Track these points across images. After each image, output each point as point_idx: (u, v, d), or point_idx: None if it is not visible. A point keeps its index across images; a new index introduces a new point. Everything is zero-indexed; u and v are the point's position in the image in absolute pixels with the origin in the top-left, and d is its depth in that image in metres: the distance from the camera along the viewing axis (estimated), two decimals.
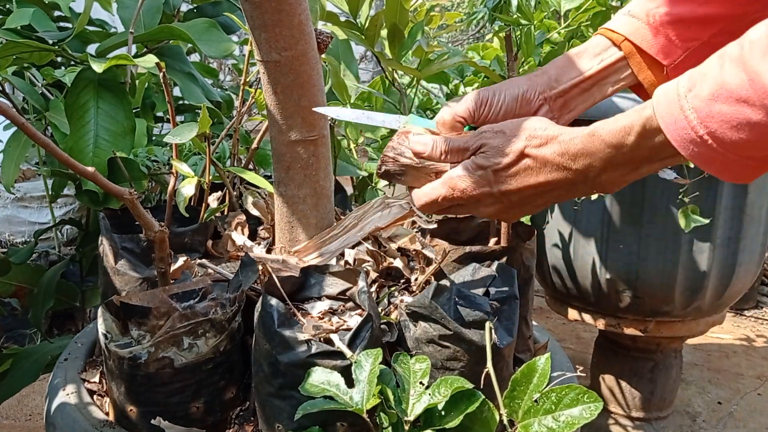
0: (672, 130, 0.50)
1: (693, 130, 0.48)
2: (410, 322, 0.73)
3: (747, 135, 0.46)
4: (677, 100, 0.49)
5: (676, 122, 0.49)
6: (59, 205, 1.95)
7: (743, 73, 0.45)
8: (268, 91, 0.83)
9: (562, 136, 0.59)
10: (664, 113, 0.50)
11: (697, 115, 0.48)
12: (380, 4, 1.69)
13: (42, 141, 0.65)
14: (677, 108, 0.49)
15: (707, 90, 0.47)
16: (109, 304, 0.72)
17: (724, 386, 1.90)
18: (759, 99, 0.44)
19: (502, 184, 0.62)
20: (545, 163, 0.59)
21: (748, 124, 0.46)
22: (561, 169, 0.58)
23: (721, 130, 0.47)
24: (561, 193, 0.61)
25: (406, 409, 0.64)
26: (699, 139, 0.48)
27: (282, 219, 0.89)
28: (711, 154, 0.49)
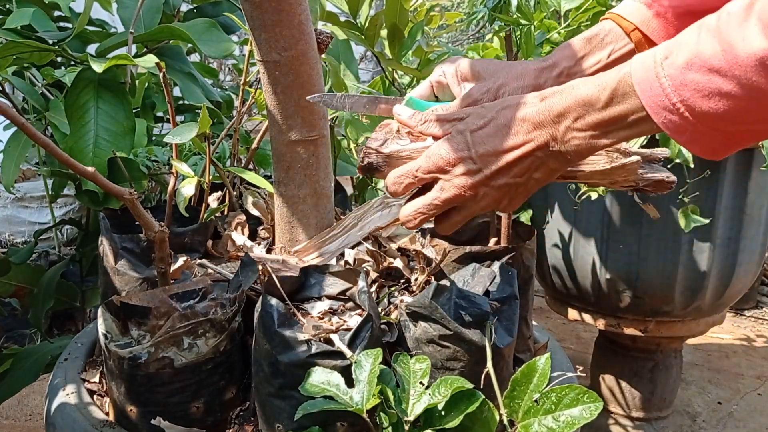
0: (647, 96, 0.50)
1: (667, 97, 0.48)
2: (410, 322, 0.73)
3: (718, 105, 0.46)
4: (653, 67, 0.49)
5: (651, 88, 0.50)
6: (59, 205, 1.95)
7: (717, 44, 0.46)
8: (268, 91, 0.83)
9: (543, 93, 0.58)
10: (640, 78, 0.50)
11: (672, 82, 0.48)
12: (380, 4, 1.69)
13: (42, 141, 0.65)
14: (653, 74, 0.49)
15: (682, 58, 0.48)
16: (109, 304, 0.72)
17: (724, 386, 1.90)
18: (730, 69, 0.45)
19: (480, 146, 0.60)
20: (523, 120, 0.58)
21: (719, 94, 0.46)
22: (538, 126, 0.57)
23: (693, 99, 0.47)
24: (539, 158, 0.59)
25: (406, 409, 0.64)
26: (672, 106, 0.48)
27: (282, 219, 0.89)
28: (683, 123, 0.49)
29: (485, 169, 0.60)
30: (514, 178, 0.60)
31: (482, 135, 0.60)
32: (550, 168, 0.60)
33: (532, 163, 0.59)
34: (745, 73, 0.44)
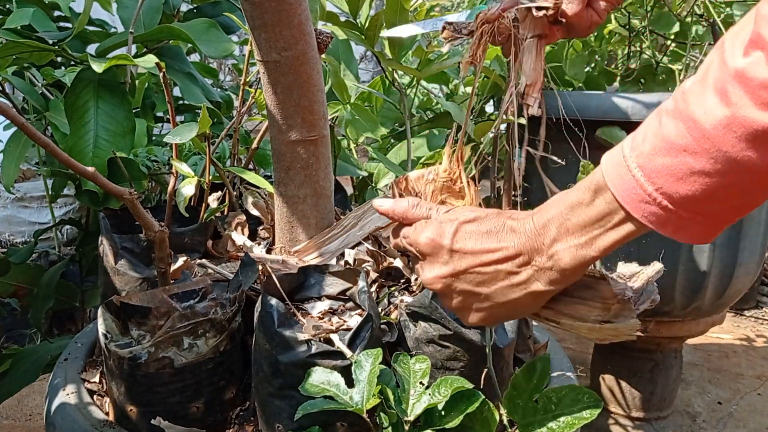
0: (622, 192, 0.47)
1: (641, 188, 0.46)
2: (410, 322, 0.73)
3: (695, 186, 0.44)
4: (623, 161, 0.47)
5: (624, 182, 0.47)
6: (59, 205, 1.95)
7: (680, 122, 0.44)
8: (268, 91, 0.83)
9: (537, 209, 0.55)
10: (612, 175, 0.48)
11: (643, 172, 0.46)
12: (380, 4, 1.69)
13: (42, 141, 0.65)
14: (624, 168, 0.47)
15: (649, 145, 0.46)
16: (109, 304, 0.72)
17: (724, 386, 1.90)
18: (699, 145, 0.43)
19: (460, 242, 0.56)
20: (509, 228, 0.55)
21: (694, 173, 0.43)
22: (520, 233, 0.54)
23: (668, 185, 0.45)
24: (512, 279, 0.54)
25: (406, 409, 0.64)
26: (648, 197, 0.46)
27: (282, 219, 0.89)
28: (664, 214, 0.46)
29: (455, 264, 0.57)
30: (478, 287, 0.56)
31: (466, 230, 0.57)
32: (528, 289, 0.54)
33: (504, 276, 0.55)
34: (715, 144, 0.42)
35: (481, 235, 0.56)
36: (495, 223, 0.56)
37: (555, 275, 0.53)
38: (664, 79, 1.43)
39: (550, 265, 0.52)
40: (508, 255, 0.54)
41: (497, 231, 0.55)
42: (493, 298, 0.56)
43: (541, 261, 0.53)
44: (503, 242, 0.54)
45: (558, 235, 0.52)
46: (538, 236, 0.53)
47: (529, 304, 0.56)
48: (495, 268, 0.55)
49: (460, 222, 0.57)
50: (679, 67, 1.28)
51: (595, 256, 0.51)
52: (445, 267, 0.57)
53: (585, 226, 0.50)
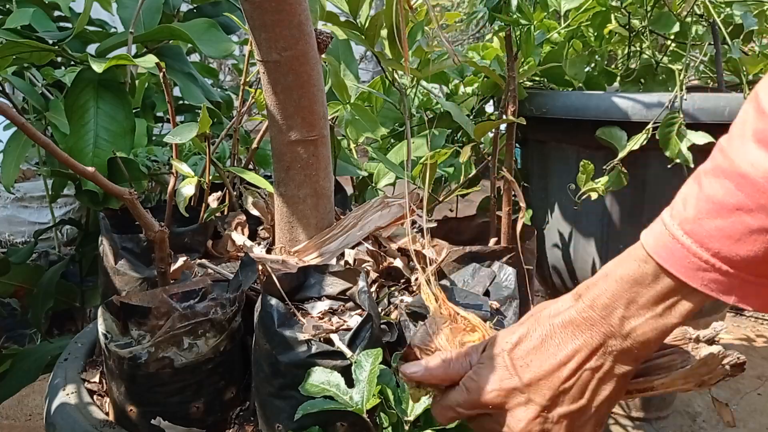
0: (672, 262, 0.43)
1: (695, 256, 0.42)
2: (410, 322, 0.73)
3: (756, 246, 0.40)
4: (666, 231, 0.44)
5: (673, 253, 0.43)
6: (59, 205, 1.95)
7: (726, 180, 0.41)
8: (268, 91, 0.83)
9: (577, 291, 0.50)
10: (655, 248, 0.44)
11: (693, 238, 0.42)
12: (380, 4, 1.69)
13: (42, 141, 0.65)
14: (668, 238, 0.44)
15: (693, 210, 0.42)
16: (109, 304, 0.72)
17: (724, 386, 1.90)
18: (753, 200, 0.39)
19: (525, 371, 0.49)
20: (565, 327, 0.49)
21: (752, 232, 0.39)
22: (582, 324, 0.48)
23: (726, 248, 0.41)
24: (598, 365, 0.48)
25: (406, 409, 0.64)
26: (705, 264, 0.42)
27: (282, 219, 0.89)
28: (725, 280, 0.42)
29: (538, 398, 0.49)
30: (575, 403, 0.49)
31: (521, 352, 0.50)
32: (615, 375, 0.48)
33: (591, 376, 0.48)
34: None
35: (540, 351, 0.49)
36: (542, 330, 0.50)
37: (636, 351, 0.48)
38: (664, 79, 1.43)
39: (629, 344, 0.47)
40: (584, 355, 0.48)
41: (552, 337, 0.49)
42: (593, 403, 0.49)
43: (617, 343, 0.47)
44: (569, 345, 0.48)
45: (628, 313, 0.46)
46: (602, 320, 0.47)
47: (623, 388, 0.50)
48: (579, 375, 0.48)
49: (509, 352, 0.50)
50: (679, 67, 1.27)
51: (676, 323, 0.46)
52: (531, 407, 0.49)
53: (656, 302, 0.46)
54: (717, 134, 0.48)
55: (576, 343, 0.48)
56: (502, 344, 0.51)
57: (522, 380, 0.49)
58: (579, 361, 0.48)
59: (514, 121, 1.03)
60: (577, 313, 0.48)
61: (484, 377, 0.51)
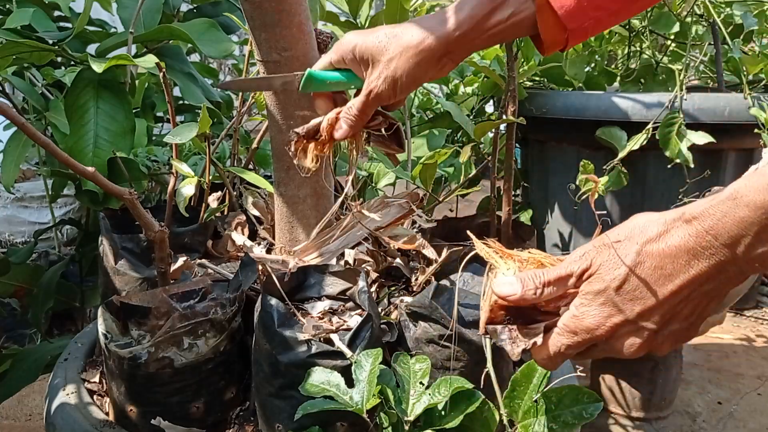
0: None
1: None
2: (410, 322, 0.73)
3: None
4: None
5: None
6: (59, 205, 1.95)
7: None
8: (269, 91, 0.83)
9: (688, 213, 0.47)
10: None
11: None
12: (380, 4, 1.69)
13: (42, 141, 0.65)
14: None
15: None
16: (109, 304, 0.72)
17: (724, 386, 1.90)
18: None
19: (635, 304, 0.49)
20: (676, 255, 0.47)
21: None
22: (698, 253, 0.46)
23: None
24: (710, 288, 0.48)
25: (406, 409, 0.64)
26: None
27: (282, 219, 0.89)
28: None
29: (649, 325, 0.49)
30: (685, 321, 0.50)
31: (629, 290, 0.49)
32: (725, 292, 0.49)
33: (703, 298, 0.49)
34: None
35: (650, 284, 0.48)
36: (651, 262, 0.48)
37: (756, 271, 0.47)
38: (664, 79, 1.43)
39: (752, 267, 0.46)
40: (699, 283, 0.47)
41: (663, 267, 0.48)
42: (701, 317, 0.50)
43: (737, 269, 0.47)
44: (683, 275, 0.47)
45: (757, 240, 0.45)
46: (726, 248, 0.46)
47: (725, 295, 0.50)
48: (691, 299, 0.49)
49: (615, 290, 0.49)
50: (679, 67, 1.27)
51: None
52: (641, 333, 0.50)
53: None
54: (717, 134, 0.48)
55: (691, 272, 0.47)
56: (608, 281, 0.49)
57: (633, 314, 0.49)
58: (693, 288, 0.47)
59: (514, 121, 1.03)
60: (694, 240, 0.46)
61: (590, 316, 0.50)
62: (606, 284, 0.49)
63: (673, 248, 0.47)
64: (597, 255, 0.50)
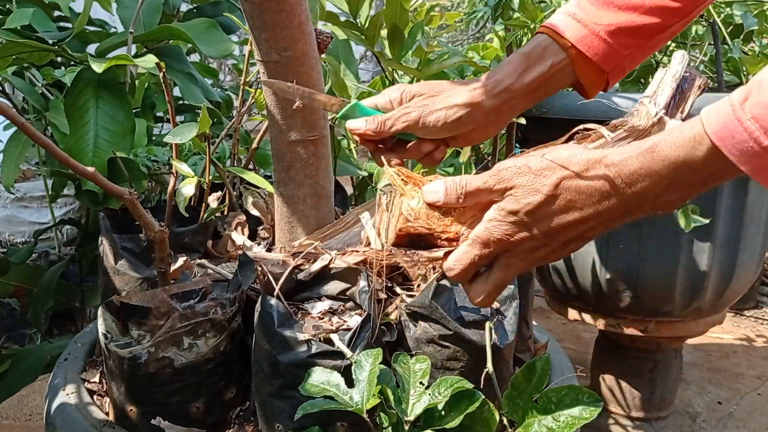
0: (729, 145, 0.45)
1: (755, 142, 0.43)
2: (410, 322, 0.73)
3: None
4: (731, 112, 0.45)
5: (733, 136, 0.44)
6: (59, 205, 1.95)
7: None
8: (268, 91, 0.83)
9: (609, 158, 0.52)
10: (716, 127, 0.45)
11: (759, 123, 0.43)
12: (380, 4, 1.69)
13: (42, 141, 0.65)
14: (732, 120, 0.44)
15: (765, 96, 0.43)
16: (109, 304, 0.72)
17: (724, 386, 1.90)
18: None
19: (542, 224, 0.54)
20: (590, 194, 0.52)
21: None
22: (611, 195, 0.52)
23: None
24: (612, 221, 0.54)
25: (406, 409, 0.64)
26: (763, 150, 0.43)
27: (282, 219, 0.89)
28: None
29: (553, 242, 0.56)
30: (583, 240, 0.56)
31: (540, 215, 0.54)
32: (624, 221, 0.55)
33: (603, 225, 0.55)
34: None
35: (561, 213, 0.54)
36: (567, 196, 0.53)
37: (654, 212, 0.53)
38: None
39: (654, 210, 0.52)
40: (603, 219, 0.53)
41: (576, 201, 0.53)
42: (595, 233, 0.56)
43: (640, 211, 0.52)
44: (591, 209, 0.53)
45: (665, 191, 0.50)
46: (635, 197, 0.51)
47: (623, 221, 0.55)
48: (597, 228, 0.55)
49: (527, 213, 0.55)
50: None
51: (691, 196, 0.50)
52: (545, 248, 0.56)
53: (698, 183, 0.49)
54: None
55: (599, 208, 0.52)
56: (522, 204, 0.54)
57: (538, 233, 0.55)
58: (598, 221, 0.53)
59: (514, 121, 1.03)
60: (610, 185, 0.51)
61: (501, 231, 0.56)
62: (520, 206, 0.54)
63: (589, 187, 0.52)
64: (517, 176, 0.55)
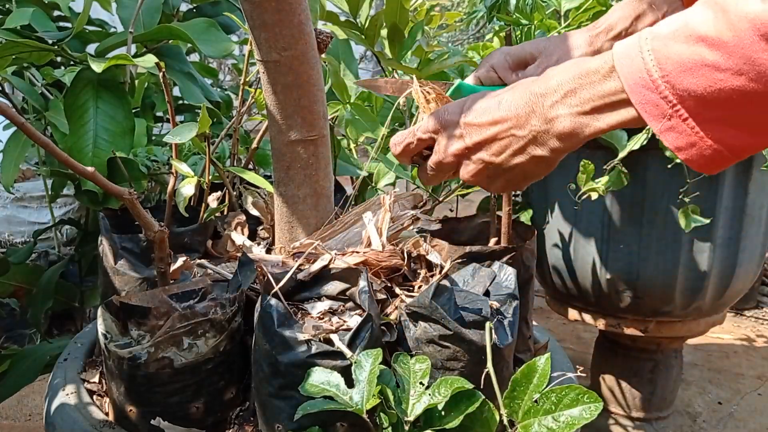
0: (626, 72, 0.45)
1: (647, 73, 0.43)
2: (410, 322, 0.73)
3: (701, 81, 0.40)
4: (637, 42, 0.44)
5: (631, 63, 0.44)
6: (59, 205, 1.94)
7: (708, 10, 0.40)
8: (268, 90, 0.83)
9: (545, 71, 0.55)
10: (620, 54, 0.45)
11: (654, 56, 0.43)
12: (380, 3, 1.69)
13: (41, 141, 0.65)
14: (635, 49, 0.44)
15: (668, 29, 0.42)
16: (109, 304, 0.72)
17: (724, 386, 1.90)
18: (718, 36, 0.39)
19: (468, 114, 0.58)
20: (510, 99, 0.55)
21: (705, 66, 0.40)
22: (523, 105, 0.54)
23: (675, 74, 0.41)
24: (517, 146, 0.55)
25: (406, 410, 0.63)
26: (652, 83, 0.43)
27: (282, 219, 0.89)
28: (661, 105, 0.43)
29: (467, 139, 0.59)
30: (492, 156, 0.58)
31: (476, 107, 0.58)
32: (529, 153, 0.55)
33: (510, 143, 0.56)
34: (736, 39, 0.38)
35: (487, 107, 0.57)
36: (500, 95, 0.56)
37: (554, 142, 0.53)
38: None
39: (546, 128, 0.52)
40: (511, 124, 0.55)
41: (500, 100, 0.56)
42: (505, 165, 0.57)
43: (537, 124, 0.53)
44: (504, 112, 0.55)
45: (561, 100, 0.51)
46: (539, 99, 0.52)
47: (536, 171, 0.57)
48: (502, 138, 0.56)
49: (470, 101, 0.59)
50: None
51: (593, 132, 0.50)
52: (459, 141, 0.59)
53: (590, 100, 0.49)
54: None
55: (510, 112, 0.55)
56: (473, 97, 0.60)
57: (464, 121, 0.59)
58: (504, 127, 0.55)
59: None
60: (527, 88, 0.54)
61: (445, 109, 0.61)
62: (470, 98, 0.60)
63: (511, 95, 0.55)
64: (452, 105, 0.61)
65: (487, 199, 1.36)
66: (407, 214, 0.88)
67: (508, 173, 0.59)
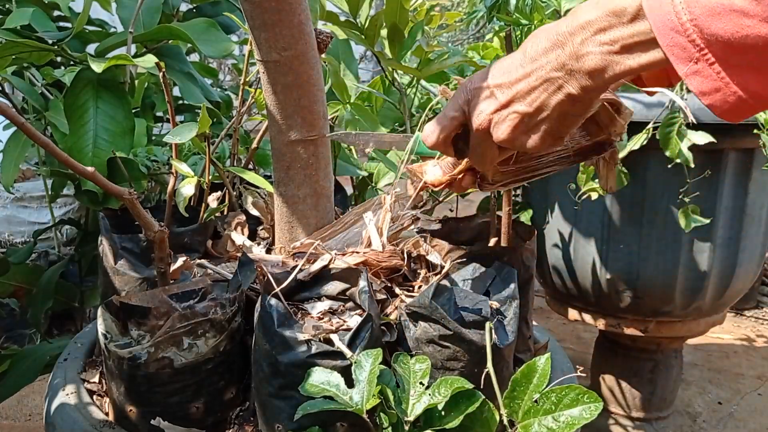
0: (655, 15, 0.44)
1: (676, 15, 0.42)
2: (410, 322, 0.73)
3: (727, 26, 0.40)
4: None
5: (661, 5, 0.44)
6: (59, 205, 1.95)
7: None
8: (268, 90, 0.83)
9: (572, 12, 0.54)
10: None
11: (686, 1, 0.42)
12: (380, 3, 1.69)
13: (41, 141, 0.65)
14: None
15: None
16: (109, 304, 0.72)
17: (724, 386, 1.90)
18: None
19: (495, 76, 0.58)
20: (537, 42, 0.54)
21: (732, 11, 0.40)
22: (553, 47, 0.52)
23: (703, 18, 0.41)
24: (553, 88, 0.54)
25: (406, 410, 0.63)
26: (680, 26, 0.42)
27: (282, 219, 0.89)
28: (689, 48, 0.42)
29: (500, 96, 0.57)
30: (527, 106, 0.56)
31: (500, 67, 0.57)
32: (567, 93, 0.54)
33: (545, 87, 0.55)
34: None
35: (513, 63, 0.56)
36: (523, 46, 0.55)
37: (586, 80, 0.52)
38: None
39: (578, 66, 0.51)
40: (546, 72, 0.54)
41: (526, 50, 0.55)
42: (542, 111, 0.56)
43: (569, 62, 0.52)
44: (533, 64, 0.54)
45: (591, 37, 0.50)
46: (569, 37, 0.51)
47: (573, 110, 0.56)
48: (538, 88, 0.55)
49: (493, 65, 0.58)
50: None
51: (623, 70, 0.49)
52: (492, 101, 0.58)
53: (621, 38, 0.48)
54: (718, 134, 0.48)
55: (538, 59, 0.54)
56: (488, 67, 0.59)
57: (494, 82, 0.58)
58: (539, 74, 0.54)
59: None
60: (552, 30, 0.53)
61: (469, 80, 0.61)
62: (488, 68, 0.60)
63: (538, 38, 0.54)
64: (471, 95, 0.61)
65: (487, 199, 1.36)
66: (407, 214, 0.88)
67: (546, 121, 0.57)
